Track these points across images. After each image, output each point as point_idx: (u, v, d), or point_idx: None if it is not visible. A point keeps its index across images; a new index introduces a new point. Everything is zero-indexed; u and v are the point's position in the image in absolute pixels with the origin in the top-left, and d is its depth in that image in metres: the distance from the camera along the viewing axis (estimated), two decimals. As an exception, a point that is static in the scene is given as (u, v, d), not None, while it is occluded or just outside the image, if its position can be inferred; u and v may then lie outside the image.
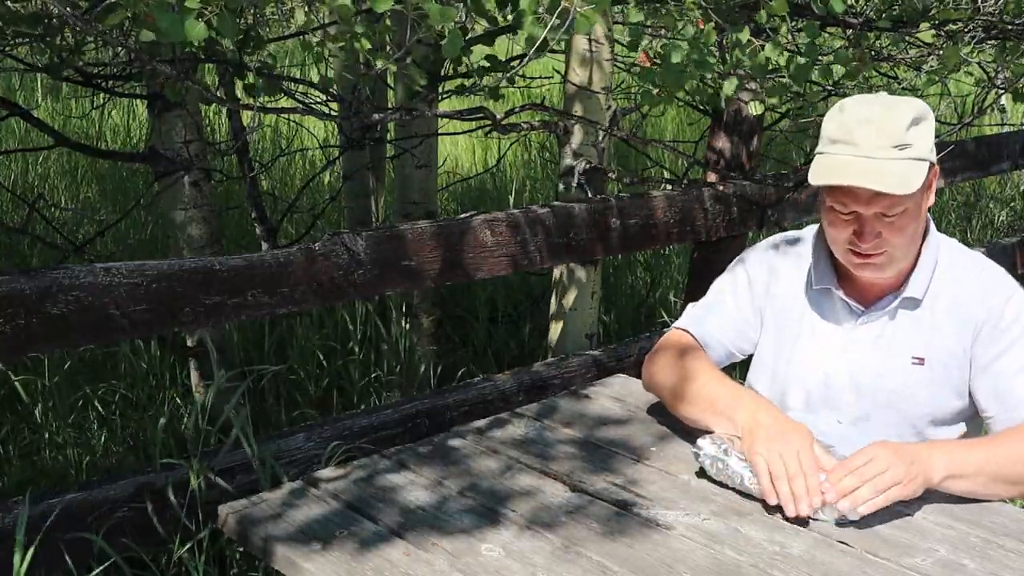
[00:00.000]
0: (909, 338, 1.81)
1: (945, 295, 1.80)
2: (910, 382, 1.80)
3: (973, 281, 1.80)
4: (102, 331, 1.89)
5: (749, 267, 1.98)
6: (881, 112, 1.68)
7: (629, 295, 4.30)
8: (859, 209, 1.69)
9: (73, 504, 1.89)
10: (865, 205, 1.68)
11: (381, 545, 1.53)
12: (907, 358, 1.80)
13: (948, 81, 3.34)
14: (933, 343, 1.79)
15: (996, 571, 1.45)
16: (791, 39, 2.47)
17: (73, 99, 6.67)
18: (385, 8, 1.73)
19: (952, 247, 1.86)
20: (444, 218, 2.49)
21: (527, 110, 2.77)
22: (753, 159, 3.36)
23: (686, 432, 1.94)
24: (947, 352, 1.78)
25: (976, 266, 1.83)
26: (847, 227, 1.72)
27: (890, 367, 1.81)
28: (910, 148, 1.66)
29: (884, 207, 1.67)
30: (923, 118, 1.69)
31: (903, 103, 1.70)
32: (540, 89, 6.17)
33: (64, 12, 1.83)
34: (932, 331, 1.79)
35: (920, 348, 1.79)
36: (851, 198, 1.68)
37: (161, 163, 2.85)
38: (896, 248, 1.72)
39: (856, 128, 1.67)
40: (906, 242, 1.73)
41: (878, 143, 1.65)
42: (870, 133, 1.66)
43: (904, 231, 1.71)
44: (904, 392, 1.81)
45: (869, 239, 1.70)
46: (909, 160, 1.66)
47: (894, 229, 1.70)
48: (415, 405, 2.41)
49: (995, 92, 4.67)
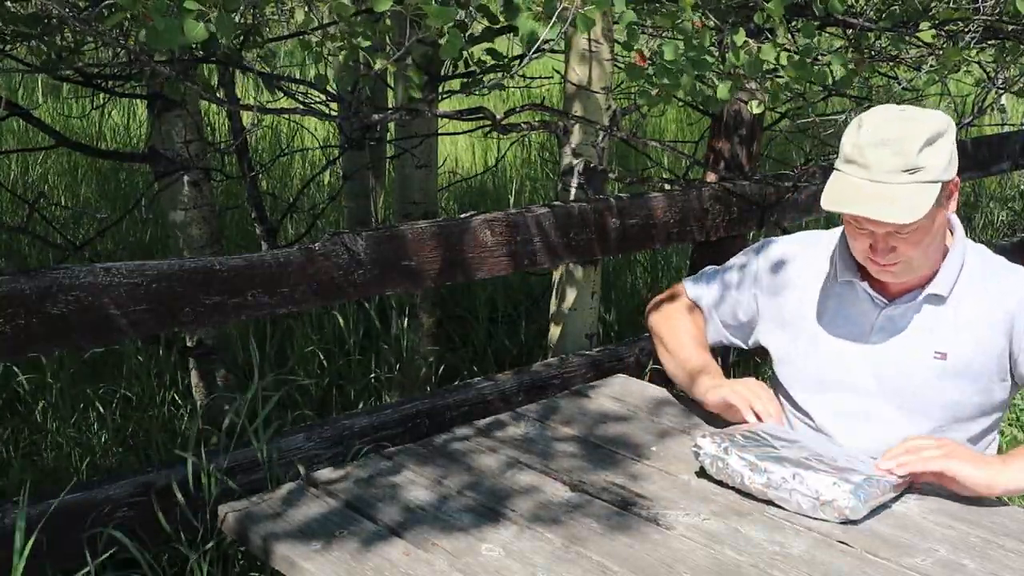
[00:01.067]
0: (933, 333, 1.83)
1: (972, 295, 1.83)
2: (930, 376, 1.82)
3: (1002, 280, 1.83)
4: (102, 331, 1.89)
5: (762, 261, 2.04)
6: (897, 133, 1.69)
7: (629, 295, 4.29)
8: (872, 228, 1.73)
9: (73, 504, 1.89)
10: (876, 226, 1.72)
11: (381, 545, 1.53)
12: (929, 352, 1.82)
13: (948, 81, 3.34)
14: (958, 340, 1.81)
15: (996, 571, 1.45)
16: (791, 39, 2.47)
17: (73, 99, 6.67)
18: (385, 8, 1.73)
19: (981, 251, 1.90)
20: (444, 218, 2.49)
21: (527, 110, 2.77)
22: (753, 159, 3.36)
23: (686, 432, 1.94)
24: (972, 349, 1.80)
25: (1004, 267, 1.87)
26: (864, 240, 1.77)
27: (911, 360, 1.83)
28: (921, 171, 1.68)
29: (895, 228, 1.71)
30: (939, 135, 1.70)
31: (921, 121, 1.71)
32: (540, 89, 6.17)
33: (63, 12, 1.83)
34: (957, 328, 1.81)
35: (943, 343, 1.82)
36: (863, 219, 1.72)
37: (161, 163, 2.85)
38: (912, 259, 1.77)
39: (869, 150, 1.69)
40: (922, 252, 1.77)
41: (890, 166, 1.68)
42: (883, 156, 1.68)
43: (919, 244, 1.75)
44: (924, 385, 1.82)
45: (883, 255, 1.75)
46: (919, 184, 1.68)
47: (909, 244, 1.74)
48: (415, 405, 2.41)
49: (995, 92, 4.67)
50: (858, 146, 1.70)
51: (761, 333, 2.03)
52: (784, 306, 1.98)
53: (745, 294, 2.04)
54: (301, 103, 3.02)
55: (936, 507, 1.64)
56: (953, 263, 1.83)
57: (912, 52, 3.38)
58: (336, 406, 3.16)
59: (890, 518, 1.60)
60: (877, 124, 1.71)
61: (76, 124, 6.47)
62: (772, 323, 2.00)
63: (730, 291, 2.07)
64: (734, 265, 2.10)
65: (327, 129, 6.52)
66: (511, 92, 7.66)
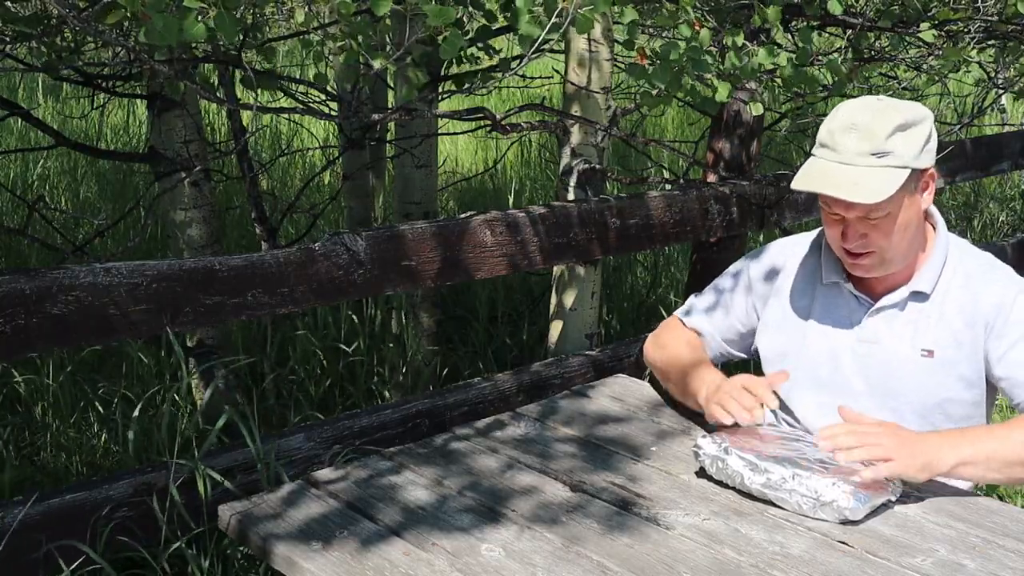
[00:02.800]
0: (918, 331, 1.83)
1: (955, 291, 1.83)
2: (920, 374, 1.82)
3: (984, 279, 1.83)
4: (102, 331, 1.89)
5: (752, 271, 2.04)
6: (868, 118, 1.72)
7: (629, 295, 4.29)
8: (841, 212, 1.76)
9: (73, 504, 1.89)
10: (845, 209, 1.75)
11: (381, 545, 1.53)
12: (916, 351, 1.83)
13: (948, 81, 3.34)
14: (941, 336, 1.82)
15: (996, 571, 1.45)
16: (791, 38, 2.47)
17: (73, 99, 6.67)
18: (385, 11, 1.73)
19: (963, 247, 1.90)
20: (444, 218, 2.49)
21: (527, 110, 2.77)
22: (753, 159, 3.36)
23: (686, 432, 1.94)
24: (955, 345, 1.81)
25: (987, 265, 1.87)
26: (837, 226, 1.79)
27: (899, 360, 1.84)
28: (889, 156, 1.71)
29: (863, 211, 1.73)
30: (913, 124, 1.73)
31: (895, 109, 1.74)
32: (540, 89, 6.17)
33: (63, 12, 1.83)
34: (940, 325, 1.82)
35: (929, 341, 1.82)
36: (832, 201, 1.75)
37: (161, 163, 2.85)
38: (884, 250, 1.77)
39: (839, 134, 1.73)
40: (894, 244, 1.77)
41: (857, 150, 1.71)
42: (851, 140, 1.72)
43: (890, 235, 1.76)
44: (914, 384, 1.83)
45: (852, 240, 1.77)
46: (886, 168, 1.71)
47: (879, 232, 1.75)
48: (415, 405, 2.41)
49: (995, 92, 4.68)
50: (830, 131, 1.75)
51: (758, 337, 2.04)
52: (776, 309, 1.98)
53: (742, 306, 2.04)
54: (301, 103, 3.02)
55: (936, 507, 1.64)
56: (935, 259, 1.84)
57: (912, 52, 3.38)
58: (336, 406, 3.16)
59: (890, 518, 1.60)
60: (851, 110, 1.75)
61: (76, 124, 6.47)
62: (767, 327, 2.00)
63: (727, 308, 2.06)
64: (725, 282, 2.09)
65: (327, 129, 6.52)
66: (511, 92, 7.66)
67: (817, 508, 1.58)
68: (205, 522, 1.96)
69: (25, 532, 1.82)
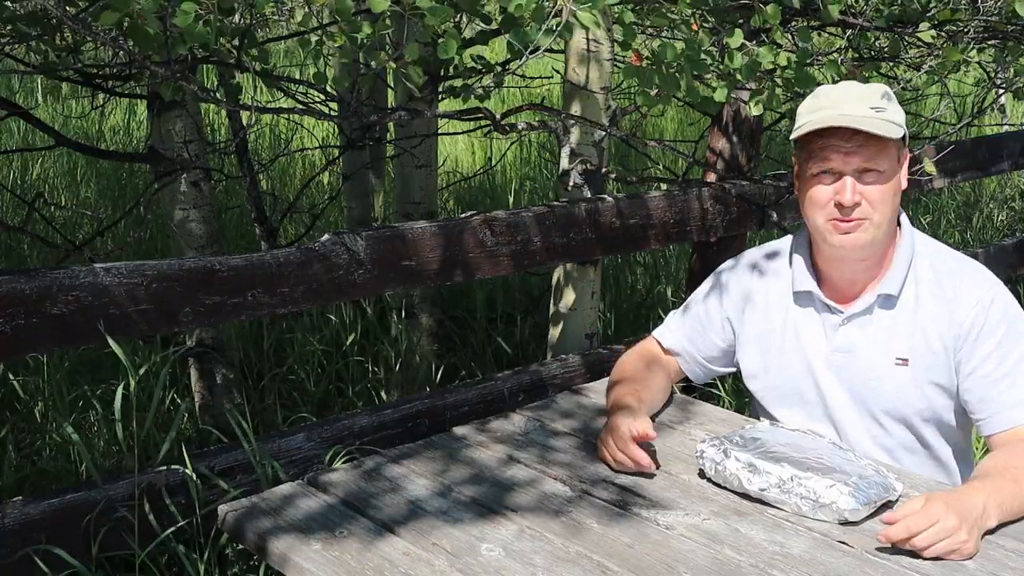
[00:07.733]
0: (890, 340, 1.82)
1: (926, 296, 1.81)
2: (898, 382, 1.82)
3: (956, 284, 1.80)
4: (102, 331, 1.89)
5: (724, 285, 2.03)
6: (855, 88, 1.80)
7: (629, 295, 4.29)
8: (839, 164, 1.74)
9: (73, 504, 1.89)
10: (845, 157, 1.73)
11: (381, 544, 1.53)
12: (891, 359, 1.82)
13: (948, 81, 3.34)
14: (915, 343, 1.80)
15: (996, 571, 1.45)
16: (790, 38, 2.47)
17: (73, 99, 6.67)
18: (382, 8, 1.73)
19: (934, 249, 1.87)
20: (444, 218, 2.49)
21: (526, 110, 2.77)
22: (752, 159, 3.36)
23: (686, 432, 1.94)
24: (930, 352, 1.80)
25: (959, 268, 1.84)
26: (829, 193, 1.76)
27: (876, 370, 1.83)
28: (886, 111, 1.75)
29: (865, 159, 1.72)
30: (892, 97, 1.79)
31: (871, 86, 1.82)
32: (540, 89, 6.17)
33: (61, 12, 1.83)
34: (913, 332, 1.81)
35: (903, 349, 1.81)
36: (832, 151, 1.73)
37: (161, 163, 2.85)
38: (873, 216, 1.75)
39: (834, 94, 1.78)
40: (883, 212, 1.76)
41: (856, 105, 1.74)
42: (848, 98, 1.76)
43: (883, 201, 1.75)
44: (893, 392, 1.82)
45: (849, 195, 1.73)
46: (886, 120, 1.74)
47: (875, 195, 1.74)
48: (415, 405, 2.41)
49: (995, 92, 4.67)
50: (818, 97, 1.79)
51: (738, 352, 2.03)
52: (750, 322, 1.98)
53: (717, 323, 2.03)
54: (300, 103, 3.01)
55: (936, 507, 1.63)
56: (901, 260, 1.82)
57: (912, 52, 3.38)
58: (336, 406, 3.16)
59: (890, 518, 1.60)
60: (834, 87, 1.82)
61: (76, 124, 6.47)
62: (744, 342, 2.00)
63: (704, 326, 2.05)
64: (698, 299, 2.08)
65: (327, 129, 6.52)
66: (511, 92, 7.66)
67: (816, 509, 1.58)
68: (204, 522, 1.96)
69: (25, 532, 1.82)
